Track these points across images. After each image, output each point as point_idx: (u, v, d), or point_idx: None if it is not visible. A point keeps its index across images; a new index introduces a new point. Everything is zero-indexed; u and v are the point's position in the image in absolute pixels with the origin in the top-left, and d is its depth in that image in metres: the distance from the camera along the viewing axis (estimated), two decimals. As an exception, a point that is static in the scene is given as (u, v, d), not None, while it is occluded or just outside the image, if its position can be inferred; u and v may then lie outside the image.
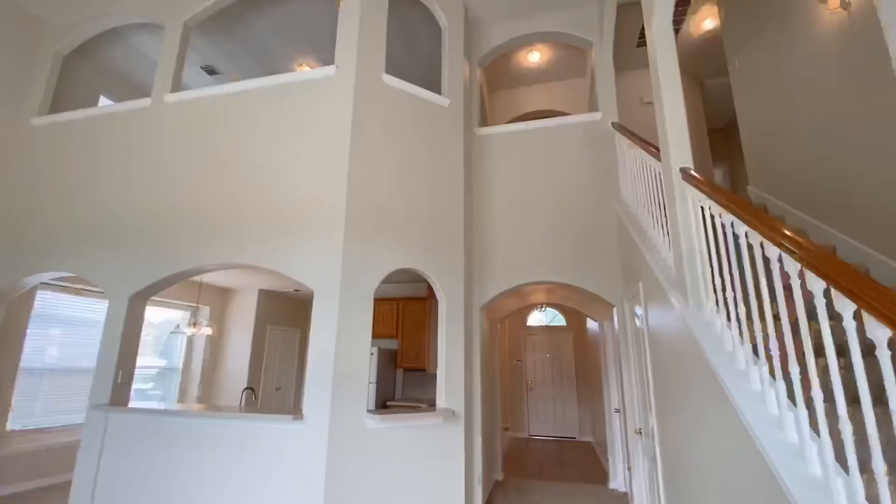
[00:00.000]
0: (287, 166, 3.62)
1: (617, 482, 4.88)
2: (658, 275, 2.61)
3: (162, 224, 3.80)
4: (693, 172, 2.14)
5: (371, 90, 3.69)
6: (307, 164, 3.57)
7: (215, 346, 7.06)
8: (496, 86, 6.39)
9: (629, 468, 3.57)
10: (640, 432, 3.41)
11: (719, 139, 7.20)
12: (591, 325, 6.87)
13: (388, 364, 6.10)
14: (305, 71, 3.80)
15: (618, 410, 4.85)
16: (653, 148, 2.96)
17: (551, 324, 8.66)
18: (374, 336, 5.66)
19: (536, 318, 8.82)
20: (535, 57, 5.78)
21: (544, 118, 4.60)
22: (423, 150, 3.85)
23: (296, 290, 7.42)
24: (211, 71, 6.01)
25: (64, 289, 5.10)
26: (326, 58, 5.60)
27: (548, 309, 8.61)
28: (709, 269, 2.03)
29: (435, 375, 6.11)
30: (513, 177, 4.41)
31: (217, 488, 3.11)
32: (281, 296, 7.76)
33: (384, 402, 5.81)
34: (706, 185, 1.92)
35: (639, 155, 3.30)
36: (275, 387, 7.51)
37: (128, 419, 3.44)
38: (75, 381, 5.24)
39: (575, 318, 8.41)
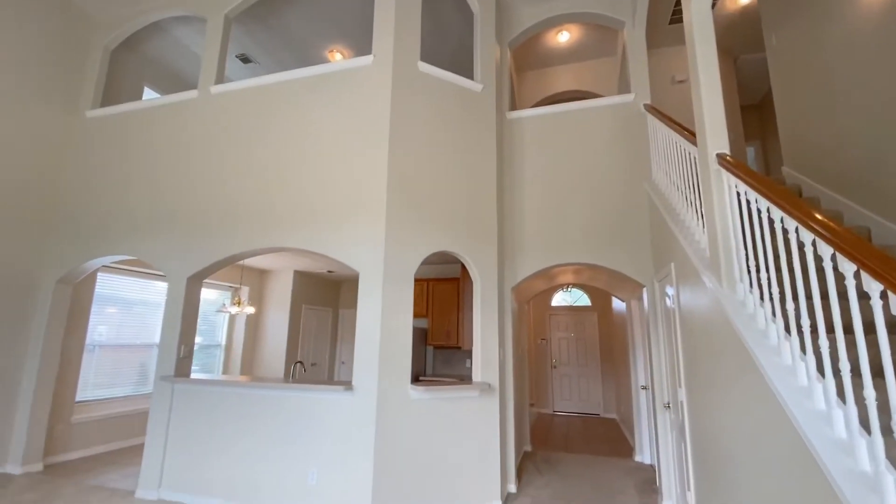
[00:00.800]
0: (331, 154, 3.81)
1: (643, 456, 5.06)
2: (691, 256, 2.71)
3: (216, 210, 4.07)
4: (730, 158, 2.22)
5: (407, 78, 3.81)
6: (350, 152, 3.75)
7: (254, 323, 7.47)
8: (524, 67, 6.39)
9: (656, 441, 3.74)
10: (668, 406, 3.56)
11: (753, 116, 7.04)
12: (618, 305, 6.97)
13: (419, 342, 6.36)
14: (344, 61, 3.93)
15: (644, 387, 4.99)
16: (687, 132, 3.02)
17: (576, 304, 8.78)
18: (407, 315, 5.90)
19: (560, 299, 8.94)
20: (564, 37, 5.75)
21: (573, 100, 4.64)
22: (457, 136, 3.97)
23: (329, 272, 7.72)
24: (245, 59, 6.20)
25: (121, 271, 5.49)
26: (357, 44, 5.71)
27: (573, 290, 8.72)
28: (743, 251, 2.13)
29: (463, 353, 6.36)
30: (543, 160, 4.49)
31: (276, 450, 3.43)
32: (315, 277, 8.09)
33: (416, 378, 6.09)
34: (743, 172, 2.01)
35: (671, 137, 3.35)
36: (310, 362, 7.91)
37: (191, 389, 3.78)
38: (132, 356, 5.68)
39: (600, 299, 8.51)
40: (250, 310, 6.20)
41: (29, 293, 4.49)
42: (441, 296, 6.42)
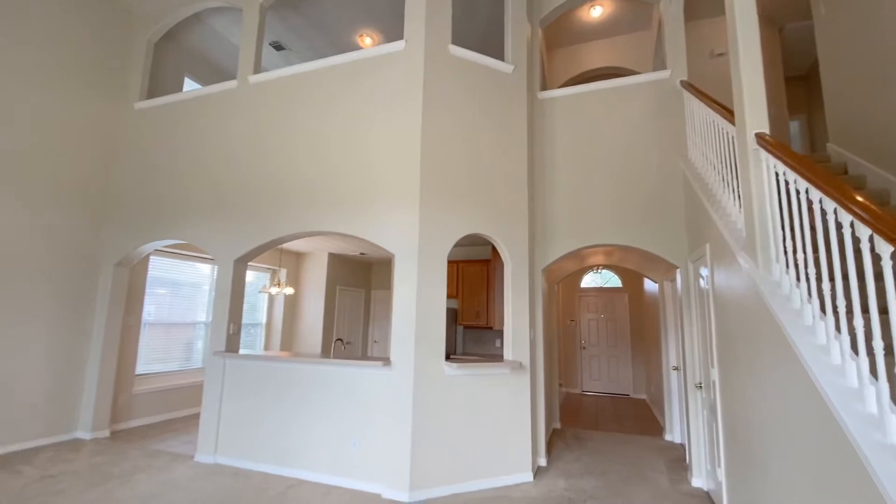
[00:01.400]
0: (366, 140, 3.92)
1: (673, 435, 5.10)
2: (726, 237, 2.70)
3: (258, 195, 4.28)
4: (769, 138, 2.19)
5: (439, 62, 3.85)
6: (384, 137, 3.85)
7: (292, 304, 7.82)
8: (555, 44, 6.26)
9: (686, 420, 3.78)
10: (700, 386, 3.58)
11: (798, 88, 6.69)
12: (649, 286, 6.90)
13: (450, 322, 6.53)
14: (377, 47, 4.00)
15: (676, 368, 5.00)
16: (724, 110, 2.96)
17: (606, 285, 8.73)
18: (438, 296, 6.06)
19: (590, 280, 8.91)
20: (596, 12, 5.60)
21: (606, 77, 4.55)
22: (488, 118, 4.01)
23: (361, 254, 7.95)
24: (278, 47, 6.33)
25: (170, 254, 5.84)
26: (387, 28, 5.74)
27: (603, 271, 8.66)
28: (780, 232, 2.12)
29: (493, 332, 6.49)
30: (575, 139, 4.46)
31: (319, 420, 3.67)
32: (348, 259, 8.35)
33: (447, 356, 6.28)
34: (782, 152, 1.99)
35: (708, 115, 3.29)
36: (346, 341, 8.24)
37: (241, 364, 4.06)
38: (181, 334, 6.09)
39: (631, 280, 8.43)
40: (289, 290, 6.49)
41: (91, 276, 4.88)
42: (471, 277, 6.54)
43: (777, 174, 2.12)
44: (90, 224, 4.88)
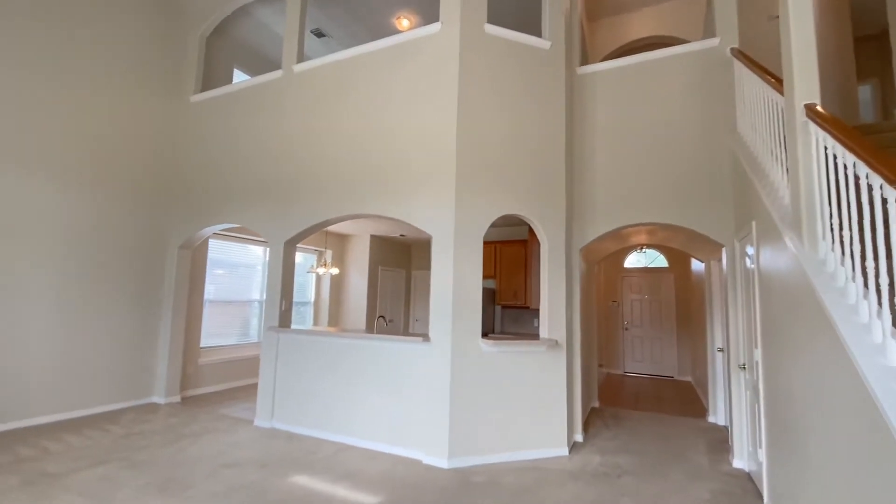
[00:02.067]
0: (404, 123, 4.02)
1: (717, 417, 5.00)
2: (773, 214, 2.60)
3: (305, 180, 4.51)
4: (819, 109, 2.09)
5: (474, 42, 3.85)
6: (421, 120, 3.93)
7: (338, 283, 8.20)
8: (597, 14, 6.03)
9: (729, 401, 3.71)
10: (744, 367, 3.50)
11: (870, 50, 6.09)
12: (696, 266, 6.66)
13: (488, 302, 6.63)
14: (413, 30, 4.05)
15: (721, 349, 4.86)
16: (775, 80, 2.80)
17: (651, 265, 8.49)
18: (476, 276, 6.16)
19: (634, 260, 8.68)
20: (641, -22, 5.32)
21: (651, 48, 4.36)
22: (524, 97, 3.98)
23: (401, 235, 8.16)
24: (319, 34, 6.49)
25: (226, 237, 6.28)
26: (423, 8, 5.74)
27: (647, 250, 8.42)
28: (827, 209, 2.04)
29: (531, 312, 6.53)
30: (616, 114, 4.34)
31: (364, 391, 3.93)
32: (389, 240, 8.60)
33: (485, 335, 6.41)
34: (831, 125, 1.90)
35: (758, 85, 3.11)
36: (388, 319, 8.56)
37: (293, 338, 4.37)
38: (237, 310, 6.58)
39: (678, 260, 8.15)
40: (334, 271, 6.82)
41: (160, 258, 5.36)
42: (509, 257, 6.58)
43: (826, 148, 2.02)
44: (155, 211, 5.33)
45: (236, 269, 6.54)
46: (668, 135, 4.09)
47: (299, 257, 7.64)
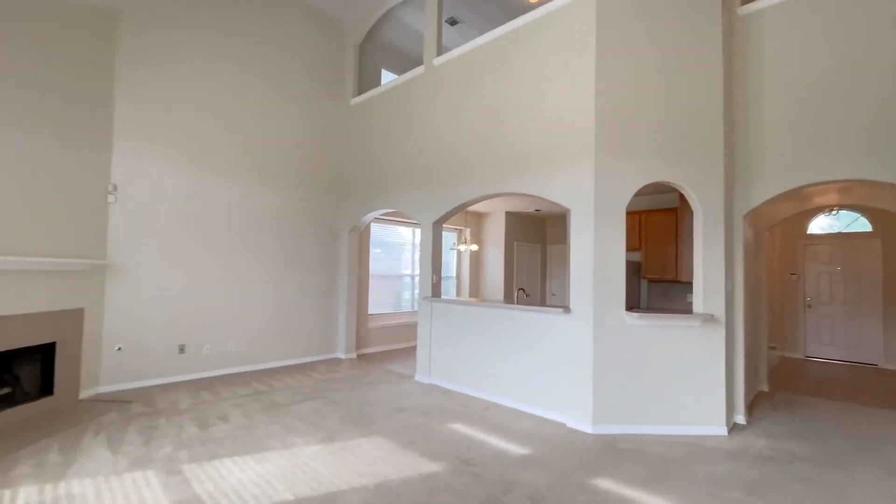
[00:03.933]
0: (540, 98, 4.11)
1: (940, 414, 4.06)
2: None
3: (448, 165, 4.95)
4: None
5: (610, 1, 3.69)
6: (557, 92, 3.98)
7: (476, 259, 8.70)
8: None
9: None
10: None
11: None
12: (914, 229, 5.31)
13: (633, 275, 6.34)
14: (544, 5, 4.05)
15: (949, 332, 3.89)
16: None
17: (847, 230, 6.99)
18: (618, 248, 5.93)
19: (821, 224, 7.24)
20: None
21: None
22: (671, 52, 3.69)
23: (536, 210, 8.22)
24: (452, 22, 6.82)
25: (382, 220, 7.20)
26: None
27: (840, 212, 6.94)
28: None
29: (682, 286, 6.06)
30: (790, 53, 3.65)
31: (508, 354, 4.26)
32: (524, 216, 8.75)
33: (629, 309, 6.16)
34: None
35: None
36: (525, 293, 8.80)
37: (444, 307, 4.92)
38: (392, 283, 7.54)
39: (886, 222, 6.56)
40: (474, 247, 7.29)
41: (335, 240, 6.45)
42: (656, 227, 6.16)
43: None
44: (331, 201, 6.41)
45: (390, 248, 7.47)
46: (870, 63, 3.23)
47: (446, 235, 8.32)
